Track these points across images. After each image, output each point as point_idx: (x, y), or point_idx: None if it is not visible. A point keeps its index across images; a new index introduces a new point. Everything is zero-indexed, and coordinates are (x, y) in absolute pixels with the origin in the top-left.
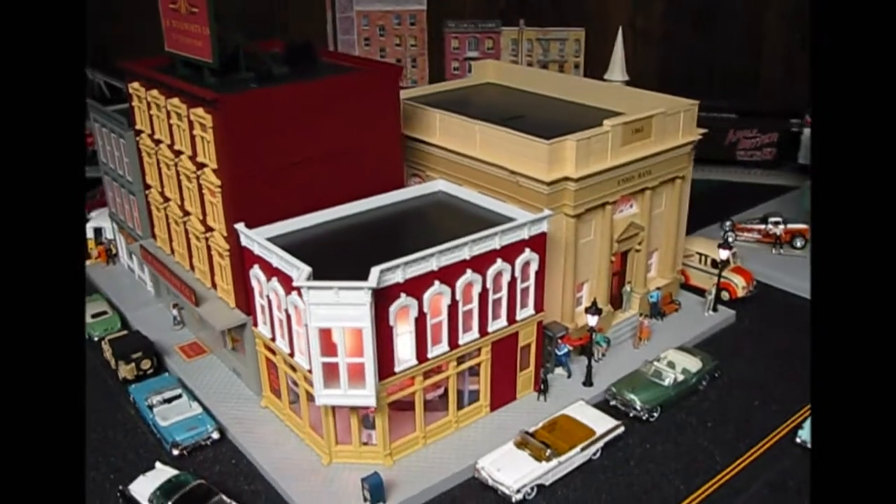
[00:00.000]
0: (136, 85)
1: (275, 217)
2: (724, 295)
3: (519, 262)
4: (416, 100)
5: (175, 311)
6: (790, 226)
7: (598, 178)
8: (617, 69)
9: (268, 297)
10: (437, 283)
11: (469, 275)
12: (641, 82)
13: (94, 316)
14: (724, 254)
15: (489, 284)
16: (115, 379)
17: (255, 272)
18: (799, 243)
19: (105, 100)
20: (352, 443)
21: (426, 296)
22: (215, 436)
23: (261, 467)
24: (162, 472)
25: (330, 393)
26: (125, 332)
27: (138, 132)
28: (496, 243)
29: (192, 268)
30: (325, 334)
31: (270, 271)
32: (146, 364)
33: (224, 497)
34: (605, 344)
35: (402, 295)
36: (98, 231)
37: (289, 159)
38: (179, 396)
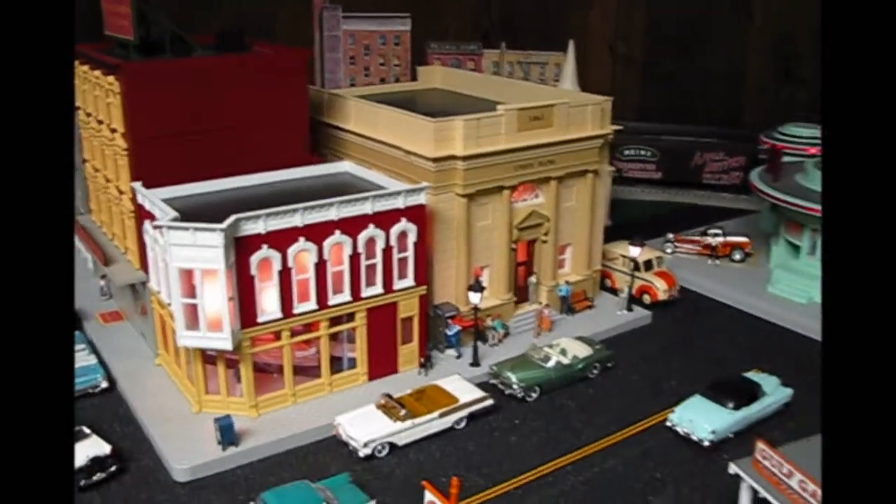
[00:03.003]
0: (77, 63)
1: (176, 182)
2: (646, 298)
3: (395, 230)
4: (361, 98)
5: (102, 283)
6: (730, 238)
7: (490, 159)
8: (567, 81)
9: (153, 248)
10: (302, 239)
11: (338, 236)
12: (620, 108)
13: None
14: (634, 251)
15: (361, 249)
16: None
17: (146, 226)
18: (738, 256)
19: None
20: (220, 393)
21: (290, 250)
22: (104, 385)
23: (136, 413)
24: None
25: (190, 335)
26: None
27: (78, 108)
28: (367, 208)
29: (113, 236)
30: (187, 276)
31: (155, 225)
32: None
33: (85, 429)
34: (501, 330)
35: (264, 246)
36: None
37: (191, 128)
38: (82, 350)
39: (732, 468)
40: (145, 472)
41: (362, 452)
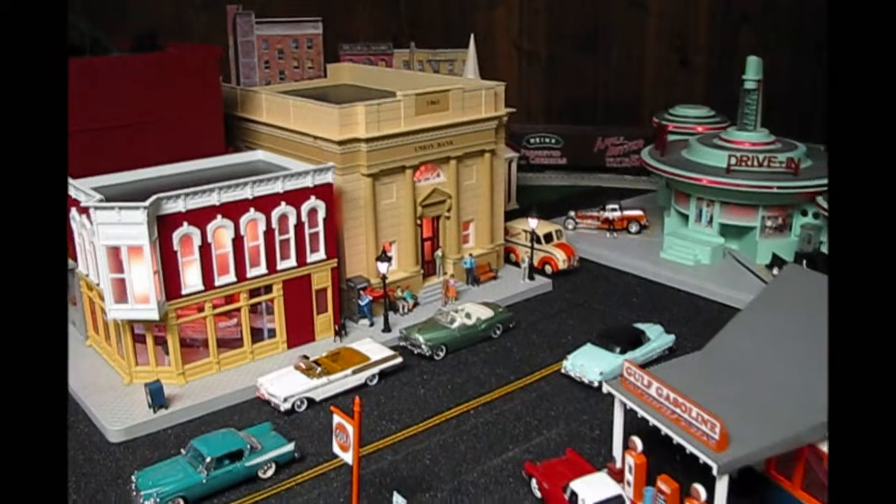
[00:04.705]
0: None
1: (100, 173)
2: (548, 269)
3: (305, 207)
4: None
5: None
6: (626, 213)
7: (391, 141)
8: (470, 72)
9: (80, 234)
10: (219, 216)
11: (252, 213)
12: (527, 102)
13: None
14: (532, 223)
15: (274, 225)
16: None
17: (73, 213)
18: (634, 228)
19: None
20: (149, 364)
21: (209, 227)
22: None
23: (70, 388)
24: None
25: (119, 308)
26: None
27: None
28: (279, 187)
29: None
30: (114, 253)
31: (81, 209)
32: None
33: None
34: (410, 300)
35: (185, 223)
36: None
37: (112, 123)
38: None
39: (605, 388)
40: (81, 437)
41: (283, 407)
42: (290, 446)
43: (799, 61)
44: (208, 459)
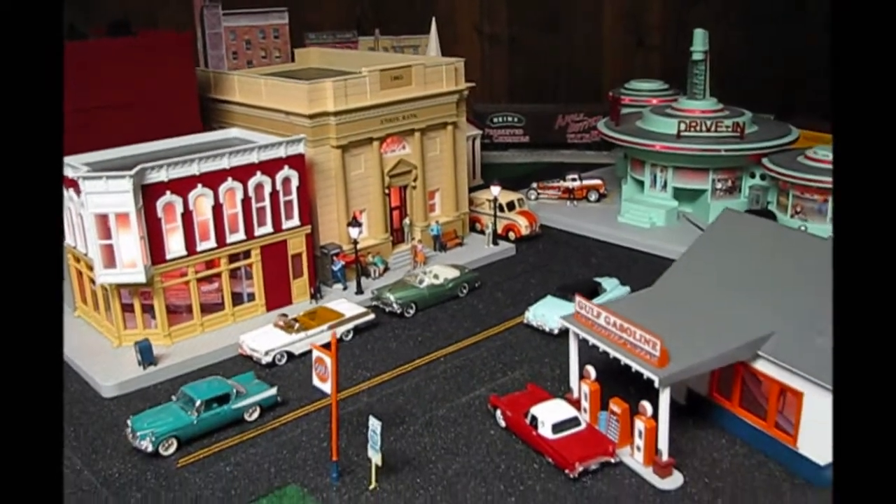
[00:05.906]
0: None
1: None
2: (511, 235)
3: (279, 176)
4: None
5: None
6: (586, 182)
7: (359, 114)
8: (432, 52)
9: (67, 207)
10: (199, 185)
11: (230, 182)
12: (490, 83)
13: None
14: (494, 190)
15: (251, 193)
16: None
17: None
18: (593, 197)
19: None
20: (137, 327)
21: (190, 196)
22: None
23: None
24: None
25: (108, 273)
26: None
27: None
28: (254, 158)
29: None
30: (102, 221)
31: (68, 182)
32: None
33: None
34: (381, 265)
35: (168, 192)
36: None
37: (90, 105)
38: None
39: (562, 322)
40: (75, 394)
41: (264, 360)
42: (273, 391)
43: (751, 36)
44: (198, 403)
